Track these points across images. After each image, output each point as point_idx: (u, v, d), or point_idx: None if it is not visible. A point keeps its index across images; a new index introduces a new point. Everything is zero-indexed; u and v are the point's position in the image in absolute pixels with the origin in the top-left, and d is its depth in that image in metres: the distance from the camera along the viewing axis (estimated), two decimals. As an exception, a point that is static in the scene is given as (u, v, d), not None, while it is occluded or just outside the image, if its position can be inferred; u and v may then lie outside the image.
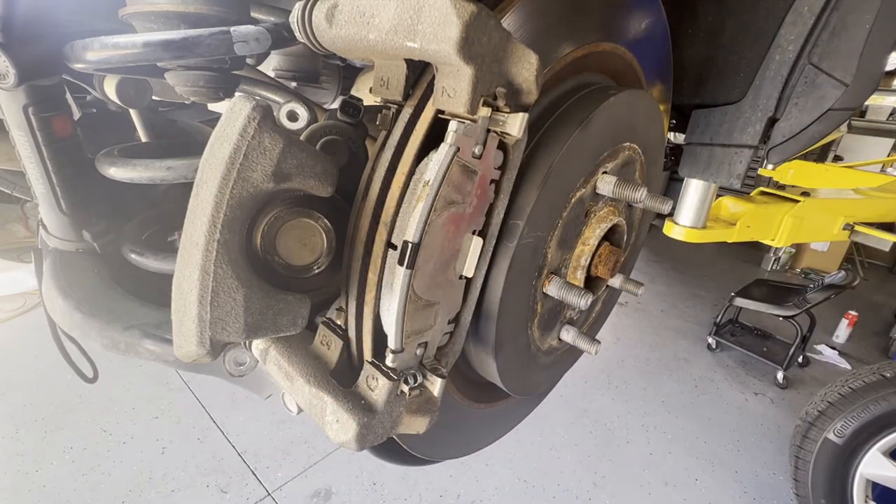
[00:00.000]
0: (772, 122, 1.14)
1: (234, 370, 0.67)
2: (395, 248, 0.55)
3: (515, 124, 0.55)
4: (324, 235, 0.57)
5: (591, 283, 0.90)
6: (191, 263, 0.45)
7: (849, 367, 4.59)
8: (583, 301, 0.75)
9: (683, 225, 1.70)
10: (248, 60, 0.94)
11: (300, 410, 0.66)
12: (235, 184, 0.43)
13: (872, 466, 2.28)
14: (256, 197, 0.44)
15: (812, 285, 4.32)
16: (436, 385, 0.63)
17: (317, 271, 0.58)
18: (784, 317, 4.07)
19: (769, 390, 4.10)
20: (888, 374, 2.31)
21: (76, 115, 1.00)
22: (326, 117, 0.66)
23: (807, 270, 6.91)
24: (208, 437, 3.05)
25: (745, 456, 3.34)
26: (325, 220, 0.57)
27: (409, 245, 0.51)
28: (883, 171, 5.26)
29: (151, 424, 3.11)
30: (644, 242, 1.27)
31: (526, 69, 0.53)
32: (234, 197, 0.43)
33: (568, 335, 0.90)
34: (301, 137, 0.58)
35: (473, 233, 0.62)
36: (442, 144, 0.52)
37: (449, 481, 2.91)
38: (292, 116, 0.66)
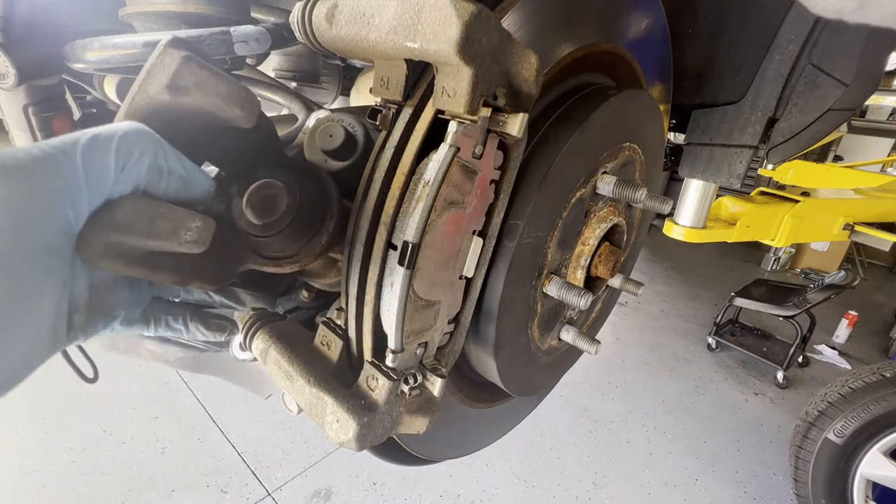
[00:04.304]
0: (772, 122, 1.14)
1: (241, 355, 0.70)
2: (395, 248, 0.55)
3: (515, 124, 0.55)
4: (282, 197, 0.54)
5: (591, 283, 0.90)
6: None
7: (849, 367, 4.59)
8: (583, 301, 0.75)
9: (683, 225, 1.70)
10: (249, 60, 0.94)
11: (300, 410, 0.66)
12: (135, 97, 0.47)
13: (872, 466, 2.29)
14: (154, 108, 0.47)
15: (812, 285, 4.32)
16: (436, 385, 0.63)
17: (273, 234, 0.55)
18: (784, 317, 4.08)
19: (769, 390, 4.10)
20: (888, 374, 2.31)
21: (76, 115, 1.00)
22: None
23: (807, 270, 6.91)
24: (208, 437, 3.06)
25: (745, 456, 3.34)
26: (291, 185, 0.55)
27: (409, 245, 0.51)
28: (883, 171, 5.26)
29: (151, 424, 3.11)
30: (644, 242, 1.27)
31: (526, 69, 0.53)
32: (133, 106, 0.47)
33: (568, 335, 0.90)
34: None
35: (473, 233, 0.62)
36: (442, 144, 0.52)
37: (449, 481, 2.91)
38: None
